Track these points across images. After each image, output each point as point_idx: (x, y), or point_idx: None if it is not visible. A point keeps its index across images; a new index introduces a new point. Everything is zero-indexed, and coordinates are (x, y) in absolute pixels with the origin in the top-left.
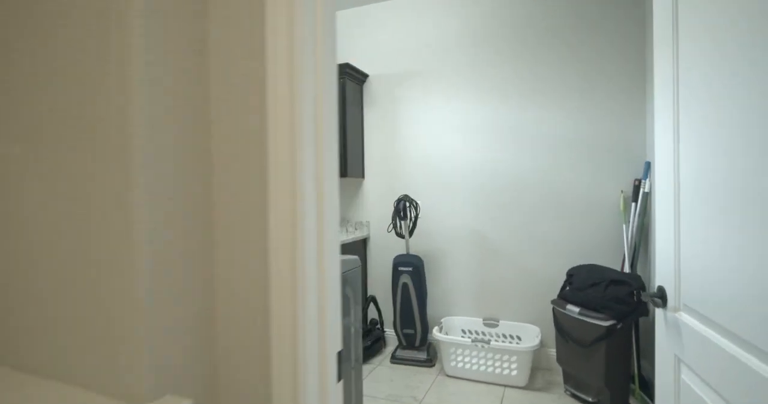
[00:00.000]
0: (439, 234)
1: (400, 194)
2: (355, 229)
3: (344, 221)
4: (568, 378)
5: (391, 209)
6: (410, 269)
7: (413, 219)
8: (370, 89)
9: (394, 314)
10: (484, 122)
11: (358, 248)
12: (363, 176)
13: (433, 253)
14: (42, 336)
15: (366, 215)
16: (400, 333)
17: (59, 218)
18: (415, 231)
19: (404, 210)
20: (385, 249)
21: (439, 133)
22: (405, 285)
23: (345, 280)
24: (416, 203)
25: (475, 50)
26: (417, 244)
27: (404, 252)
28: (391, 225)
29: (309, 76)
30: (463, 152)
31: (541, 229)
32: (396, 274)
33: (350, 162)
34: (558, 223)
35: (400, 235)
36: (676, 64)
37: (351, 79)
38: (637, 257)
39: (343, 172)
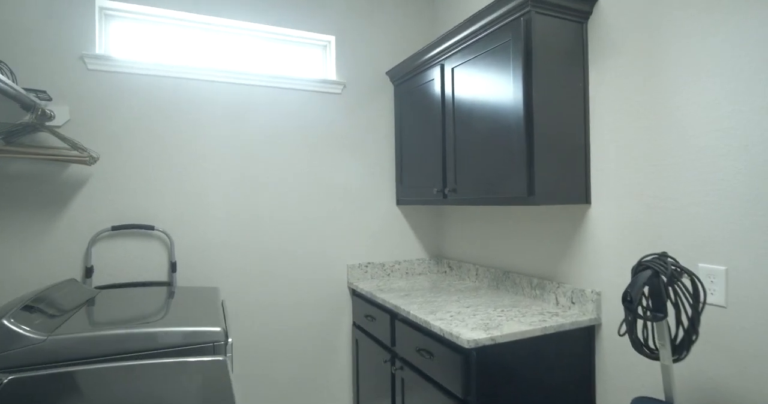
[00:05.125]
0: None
1: (660, 247)
2: (572, 303)
3: (549, 284)
4: None
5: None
6: None
7: (689, 315)
8: (601, 27)
9: None
10: None
11: (571, 342)
12: (587, 201)
13: None
14: None
15: (593, 279)
16: None
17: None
18: (698, 343)
19: (657, 292)
20: (636, 358)
21: None
22: None
23: None
24: (697, 279)
25: None
26: (698, 371)
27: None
28: (624, 324)
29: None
30: None
31: None
32: None
33: (540, 172)
34: None
35: (644, 351)
36: None
37: (548, 12)
38: None
39: (525, 193)
